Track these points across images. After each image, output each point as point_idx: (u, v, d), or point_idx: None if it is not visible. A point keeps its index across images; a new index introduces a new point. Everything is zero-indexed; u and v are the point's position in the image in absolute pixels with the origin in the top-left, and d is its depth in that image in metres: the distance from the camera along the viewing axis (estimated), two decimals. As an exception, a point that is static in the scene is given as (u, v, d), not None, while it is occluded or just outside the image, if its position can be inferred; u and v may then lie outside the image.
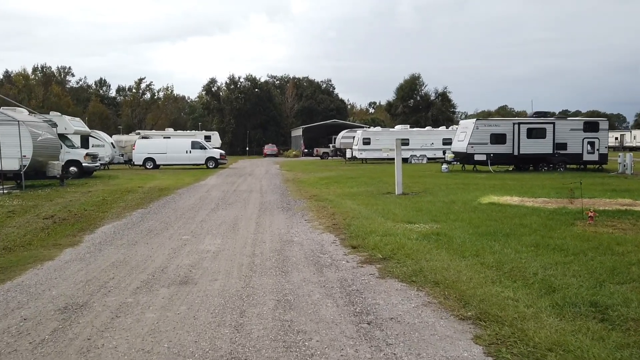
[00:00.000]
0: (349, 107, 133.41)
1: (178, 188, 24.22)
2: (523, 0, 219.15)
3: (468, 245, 9.55)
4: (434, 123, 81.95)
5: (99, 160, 43.82)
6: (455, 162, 35.12)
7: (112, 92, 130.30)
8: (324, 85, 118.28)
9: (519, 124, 33.03)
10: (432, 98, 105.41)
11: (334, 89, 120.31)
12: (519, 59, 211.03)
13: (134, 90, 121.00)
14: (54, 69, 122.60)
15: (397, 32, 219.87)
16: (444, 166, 34.05)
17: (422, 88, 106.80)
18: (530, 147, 32.73)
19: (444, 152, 37.74)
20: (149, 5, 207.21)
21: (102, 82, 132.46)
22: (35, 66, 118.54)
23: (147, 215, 14.75)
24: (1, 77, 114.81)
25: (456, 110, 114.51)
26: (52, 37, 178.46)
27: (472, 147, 33.08)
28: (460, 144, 34.30)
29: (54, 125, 31.07)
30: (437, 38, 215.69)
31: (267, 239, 10.94)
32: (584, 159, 33.40)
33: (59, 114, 33.01)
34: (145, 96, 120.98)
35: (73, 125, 32.63)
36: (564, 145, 33.11)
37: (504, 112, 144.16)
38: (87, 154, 32.11)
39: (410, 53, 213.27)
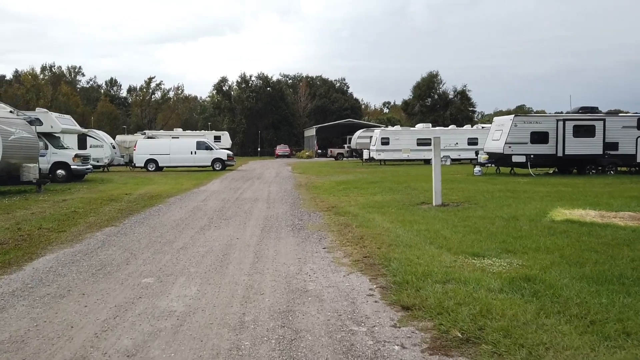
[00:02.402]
0: (362, 106, 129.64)
1: (172, 195, 20.59)
2: None
3: (594, 307, 5.77)
4: (452, 122, 77.95)
5: (97, 161, 40.83)
6: (489, 164, 31.20)
7: (123, 92, 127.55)
8: (338, 84, 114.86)
9: (564, 120, 28.99)
10: (451, 96, 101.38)
11: (348, 88, 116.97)
12: (534, 57, 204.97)
13: (144, 90, 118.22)
14: (64, 68, 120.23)
15: (409, 31, 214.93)
16: (477, 168, 30.16)
17: (440, 86, 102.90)
18: (577, 147, 28.71)
19: (477, 153, 33.80)
20: (158, 7, 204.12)
21: (112, 82, 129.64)
22: (44, 65, 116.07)
23: (112, 238, 11.06)
24: (11, 77, 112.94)
25: (475, 110, 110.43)
26: (65, 39, 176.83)
27: (509, 147, 29.13)
28: (495, 144, 30.36)
29: (38, 123, 27.70)
30: (450, 37, 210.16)
31: (267, 286, 7.19)
32: (638, 160, 29.35)
33: (46, 110, 29.52)
34: (155, 96, 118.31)
35: (61, 123, 29.08)
36: (614, 145, 29.08)
37: (521, 112, 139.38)
38: (76, 155, 28.60)
39: (423, 53, 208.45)
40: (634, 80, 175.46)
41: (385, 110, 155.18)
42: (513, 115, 29.76)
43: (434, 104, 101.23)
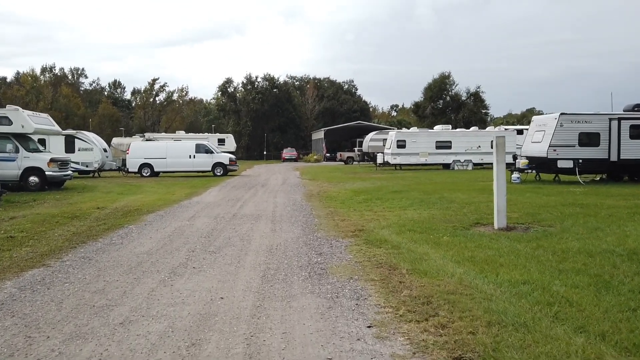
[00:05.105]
0: (371, 109, 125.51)
1: (154, 210, 16.54)
2: (546, 1, 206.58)
3: None
4: (465, 125, 73.88)
5: (87, 166, 36.86)
6: (529, 170, 27.02)
7: (127, 95, 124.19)
8: (346, 86, 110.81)
9: (619, 119, 24.78)
10: (464, 98, 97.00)
11: (357, 89, 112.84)
12: (543, 60, 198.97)
13: (147, 92, 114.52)
14: (66, 70, 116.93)
15: (416, 34, 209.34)
16: (515, 175, 25.96)
17: (453, 88, 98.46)
18: (635, 150, 24.46)
19: (515, 158, 29.57)
20: (164, 10, 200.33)
21: (116, 84, 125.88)
22: (44, 67, 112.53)
23: (22, 295, 6.87)
24: (13, 78, 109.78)
25: (489, 112, 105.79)
26: (72, 43, 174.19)
27: (554, 150, 24.93)
28: (536, 147, 26.16)
29: (6, 122, 23.86)
30: (457, 40, 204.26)
31: None
32: None
33: (17, 107, 25.43)
34: (159, 97, 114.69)
35: (34, 122, 25.05)
36: (676, 149, 24.94)
37: (531, 115, 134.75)
38: (52, 160, 24.55)
39: (430, 56, 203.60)
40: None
41: (394, 113, 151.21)
42: (558, 114, 25.45)
43: (446, 106, 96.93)
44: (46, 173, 24.17)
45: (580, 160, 24.91)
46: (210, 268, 8.35)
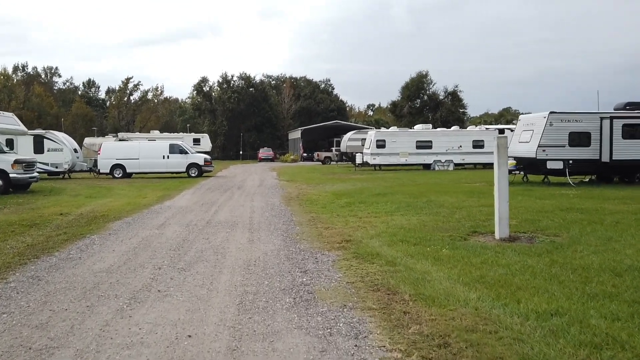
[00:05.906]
0: (348, 108, 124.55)
1: (121, 217, 15.21)
2: (522, 1, 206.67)
3: None
4: (443, 124, 73.34)
5: (56, 167, 35.31)
6: (516, 172, 26.06)
7: (102, 94, 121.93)
8: (323, 85, 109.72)
9: (611, 118, 23.89)
10: (442, 97, 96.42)
11: (333, 89, 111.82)
12: (519, 61, 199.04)
13: (121, 91, 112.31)
14: (39, 69, 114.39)
15: (391, 34, 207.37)
16: (502, 177, 24.99)
17: (430, 87, 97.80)
18: (628, 150, 23.58)
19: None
20: (143, 10, 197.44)
21: (90, 84, 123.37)
22: (16, 65, 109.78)
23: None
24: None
25: (467, 111, 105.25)
26: (48, 42, 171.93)
27: (543, 150, 23.96)
28: (524, 147, 25.18)
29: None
30: (433, 41, 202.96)
31: None
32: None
33: (-23, 106, 23.93)
34: (133, 97, 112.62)
35: (-5, 121, 23.57)
36: (670, 149, 24.15)
37: (508, 114, 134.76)
38: (16, 162, 23.03)
39: (406, 56, 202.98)
40: (621, 83, 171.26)
41: (370, 112, 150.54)
42: (548, 113, 24.48)
43: (424, 105, 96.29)
44: (10, 175, 22.68)
45: (571, 161, 24.00)
46: (178, 292, 7.11)
